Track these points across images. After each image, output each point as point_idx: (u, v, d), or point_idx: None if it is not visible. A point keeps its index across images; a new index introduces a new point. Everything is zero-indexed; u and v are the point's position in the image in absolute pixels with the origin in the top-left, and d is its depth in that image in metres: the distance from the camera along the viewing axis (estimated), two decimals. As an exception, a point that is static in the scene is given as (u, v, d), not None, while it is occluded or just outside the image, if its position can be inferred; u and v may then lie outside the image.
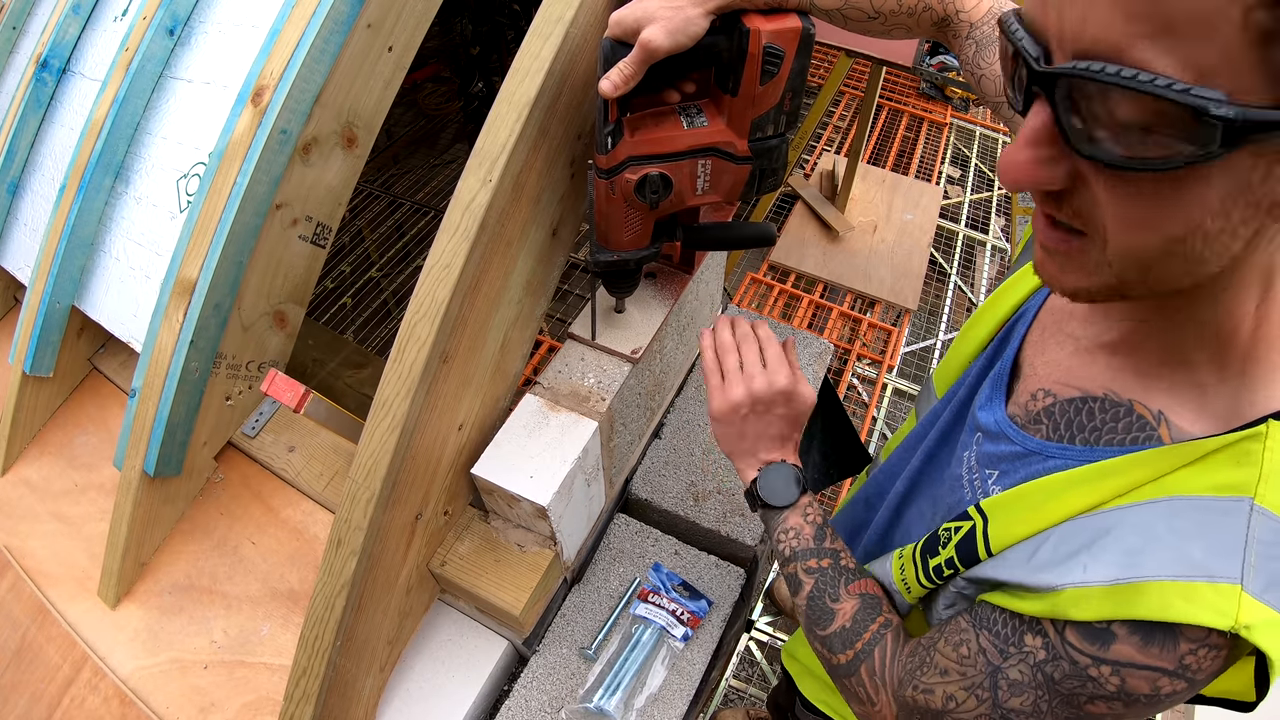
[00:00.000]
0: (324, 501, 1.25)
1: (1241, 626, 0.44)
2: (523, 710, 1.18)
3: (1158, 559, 0.48)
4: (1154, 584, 0.47)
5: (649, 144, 0.92)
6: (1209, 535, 0.47)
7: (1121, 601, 0.48)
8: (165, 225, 1.26)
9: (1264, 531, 0.46)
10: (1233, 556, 0.46)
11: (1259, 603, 0.45)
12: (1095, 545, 0.52)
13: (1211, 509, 0.47)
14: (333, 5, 1.09)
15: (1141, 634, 0.48)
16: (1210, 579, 0.46)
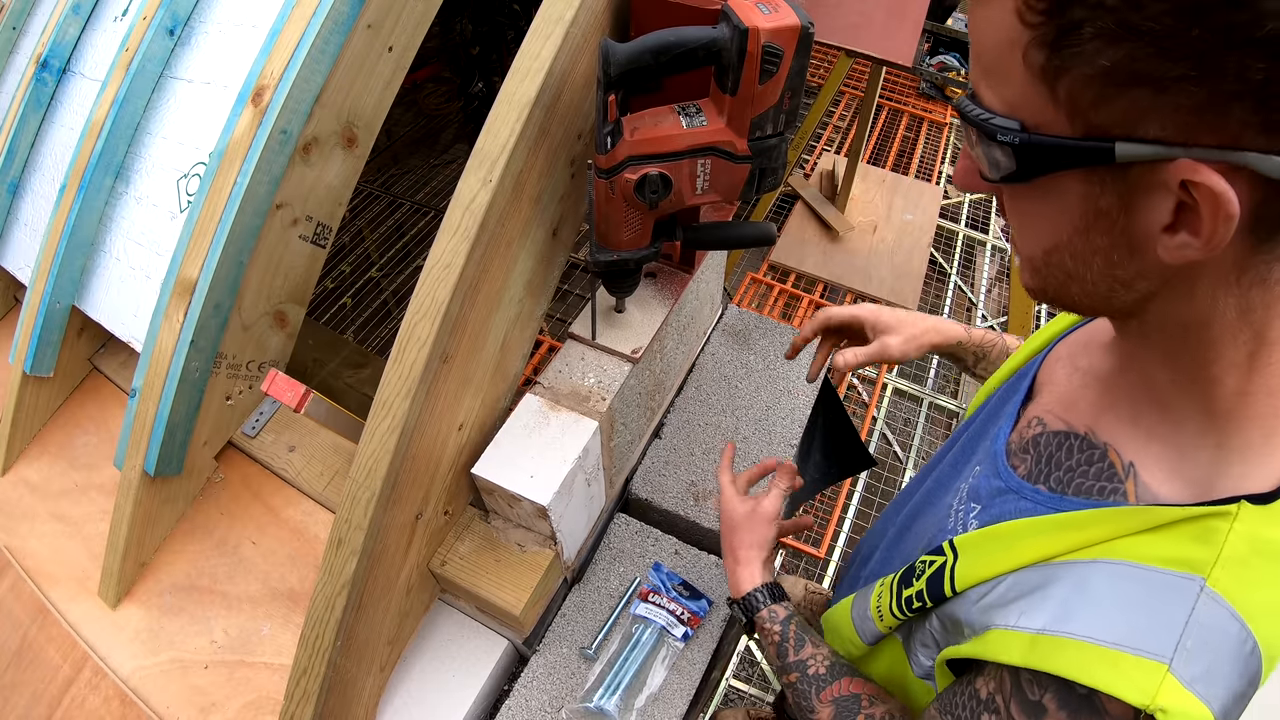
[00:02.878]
0: (324, 501, 1.25)
1: (1157, 709, 0.43)
2: (523, 710, 1.18)
3: (1089, 620, 0.47)
4: (1078, 643, 0.46)
5: (648, 143, 0.92)
6: (1149, 608, 0.45)
7: (1042, 652, 0.48)
8: (165, 225, 1.26)
9: (1208, 616, 0.44)
10: (1168, 635, 0.44)
11: (1184, 689, 0.43)
12: (1036, 594, 0.51)
13: (1159, 582, 0.46)
14: (333, 5, 1.09)
15: (1069, 708, 0.47)
16: (1137, 652, 0.44)
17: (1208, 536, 0.45)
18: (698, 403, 1.50)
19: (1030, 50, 0.39)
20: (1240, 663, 0.45)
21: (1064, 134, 0.40)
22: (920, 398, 2.87)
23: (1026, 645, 0.49)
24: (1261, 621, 0.45)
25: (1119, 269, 0.44)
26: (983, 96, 0.44)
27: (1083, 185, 0.42)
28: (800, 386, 1.53)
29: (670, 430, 1.47)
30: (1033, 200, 0.46)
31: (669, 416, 1.49)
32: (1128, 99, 0.38)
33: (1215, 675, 0.44)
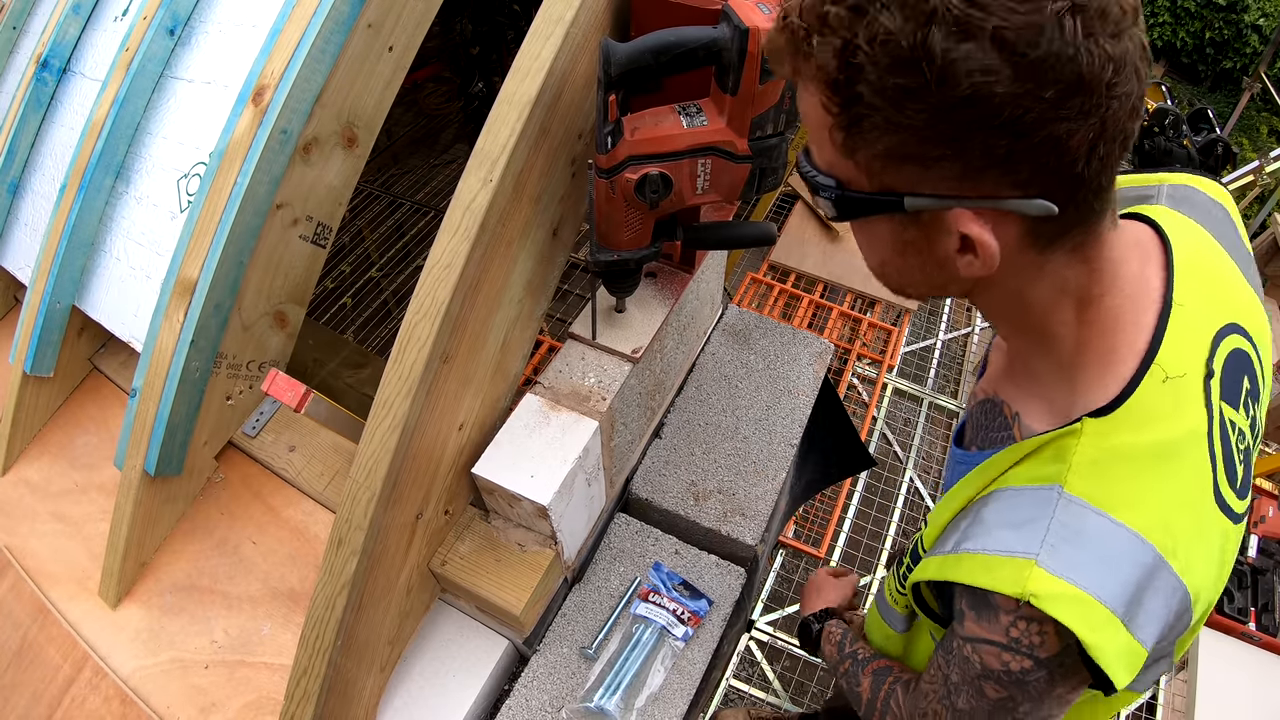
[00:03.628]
0: (325, 501, 1.25)
1: (1029, 595, 0.53)
2: (523, 710, 1.18)
3: (979, 537, 0.59)
4: (968, 555, 0.59)
5: (649, 143, 0.92)
6: (1020, 518, 0.56)
7: (946, 567, 0.60)
8: (166, 225, 1.26)
9: (1068, 516, 0.54)
10: (1035, 536, 0.54)
11: (1052, 576, 0.53)
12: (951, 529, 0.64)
13: (1028, 496, 0.57)
14: (333, 5, 1.09)
15: (975, 609, 0.60)
16: (1010, 553, 0.55)
17: (1061, 453, 0.56)
18: (698, 403, 1.50)
19: (834, 131, 0.52)
20: (1115, 548, 0.54)
21: (866, 190, 0.54)
22: (920, 398, 2.87)
23: (938, 564, 0.62)
24: (1128, 512, 0.54)
25: (935, 277, 0.58)
26: (813, 156, 0.57)
27: (889, 224, 0.56)
28: (800, 386, 1.53)
29: (670, 430, 1.47)
30: (861, 232, 0.60)
31: (669, 416, 1.49)
32: (906, 169, 0.51)
33: (1087, 563, 0.54)
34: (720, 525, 1.34)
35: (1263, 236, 3.05)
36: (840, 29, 0.48)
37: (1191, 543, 0.56)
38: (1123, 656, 0.54)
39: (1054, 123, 0.46)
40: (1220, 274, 0.65)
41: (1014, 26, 0.44)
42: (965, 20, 0.44)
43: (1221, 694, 1.93)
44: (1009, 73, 0.45)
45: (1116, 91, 0.46)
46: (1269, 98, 5.57)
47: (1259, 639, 2.08)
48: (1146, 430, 0.55)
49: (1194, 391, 0.56)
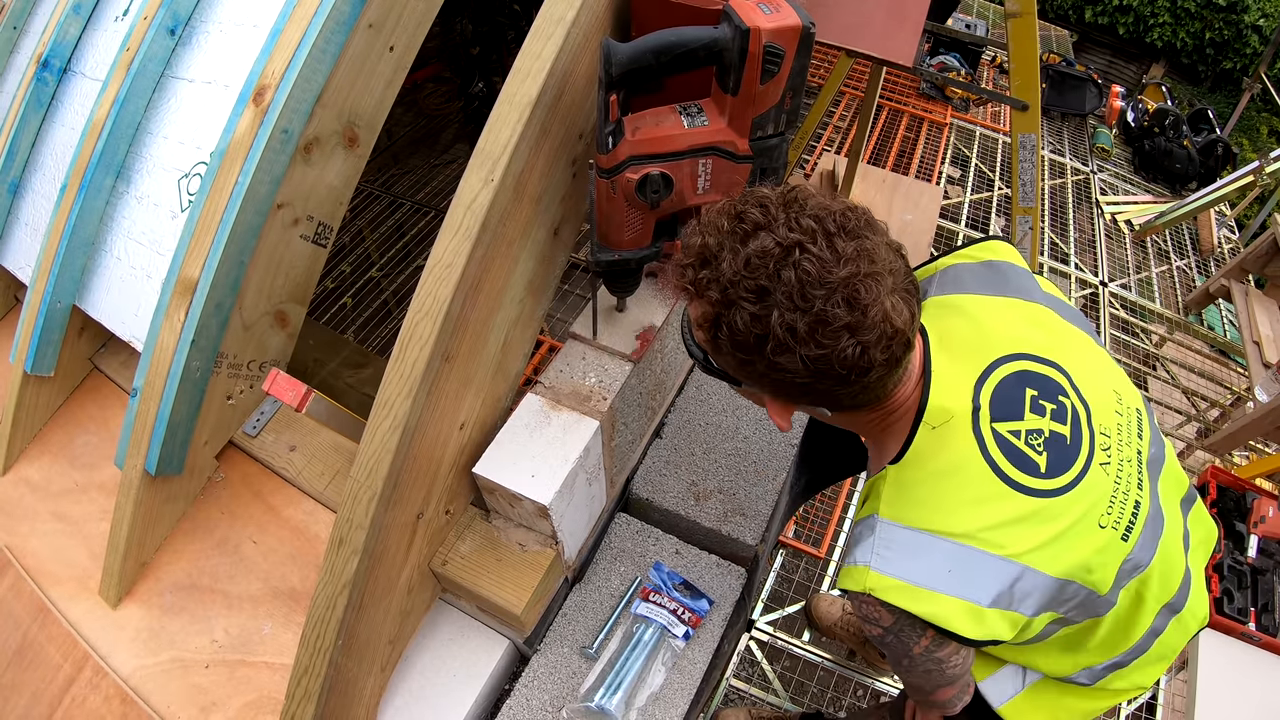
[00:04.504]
0: (325, 501, 1.25)
1: (869, 589, 0.77)
2: (524, 709, 1.18)
3: (845, 556, 0.85)
4: (844, 569, 0.82)
5: (650, 143, 0.92)
6: (858, 539, 0.82)
7: (840, 579, 0.84)
8: (166, 225, 1.26)
9: (883, 532, 0.79)
10: (867, 550, 0.79)
11: (881, 575, 0.77)
12: None
13: (863, 525, 0.82)
14: (334, 5, 1.09)
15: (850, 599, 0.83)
16: (855, 564, 0.80)
17: (876, 491, 0.83)
18: (698, 403, 1.50)
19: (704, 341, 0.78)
20: (918, 548, 0.78)
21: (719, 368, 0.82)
22: (920, 398, 2.86)
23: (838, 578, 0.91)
24: (924, 521, 0.78)
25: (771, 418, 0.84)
26: (693, 334, 0.81)
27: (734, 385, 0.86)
28: (801, 386, 1.53)
29: (671, 430, 1.47)
30: None
31: (669, 416, 1.49)
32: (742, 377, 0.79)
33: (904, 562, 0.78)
34: (720, 525, 1.34)
35: (1263, 237, 3.05)
36: (716, 305, 0.72)
37: (990, 526, 0.77)
38: (957, 615, 0.76)
39: (829, 392, 0.75)
40: (982, 324, 0.88)
41: (814, 354, 0.70)
42: (786, 343, 0.69)
43: (1221, 694, 1.93)
44: (806, 372, 0.71)
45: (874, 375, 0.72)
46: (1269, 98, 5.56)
47: (1259, 639, 2.08)
48: (925, 465, 0.80)
49: (961, 428, 0.80)
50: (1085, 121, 4.64)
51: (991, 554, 0.77)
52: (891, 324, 0.70)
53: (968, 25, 4.26)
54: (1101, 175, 4.32)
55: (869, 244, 0.71)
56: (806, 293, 0.68)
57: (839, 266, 0.69)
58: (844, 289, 0.69)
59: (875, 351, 0.70)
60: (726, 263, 0.71)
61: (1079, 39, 7.73)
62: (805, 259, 0.69)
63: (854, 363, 0.70)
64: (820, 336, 0.69)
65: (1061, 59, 4.60)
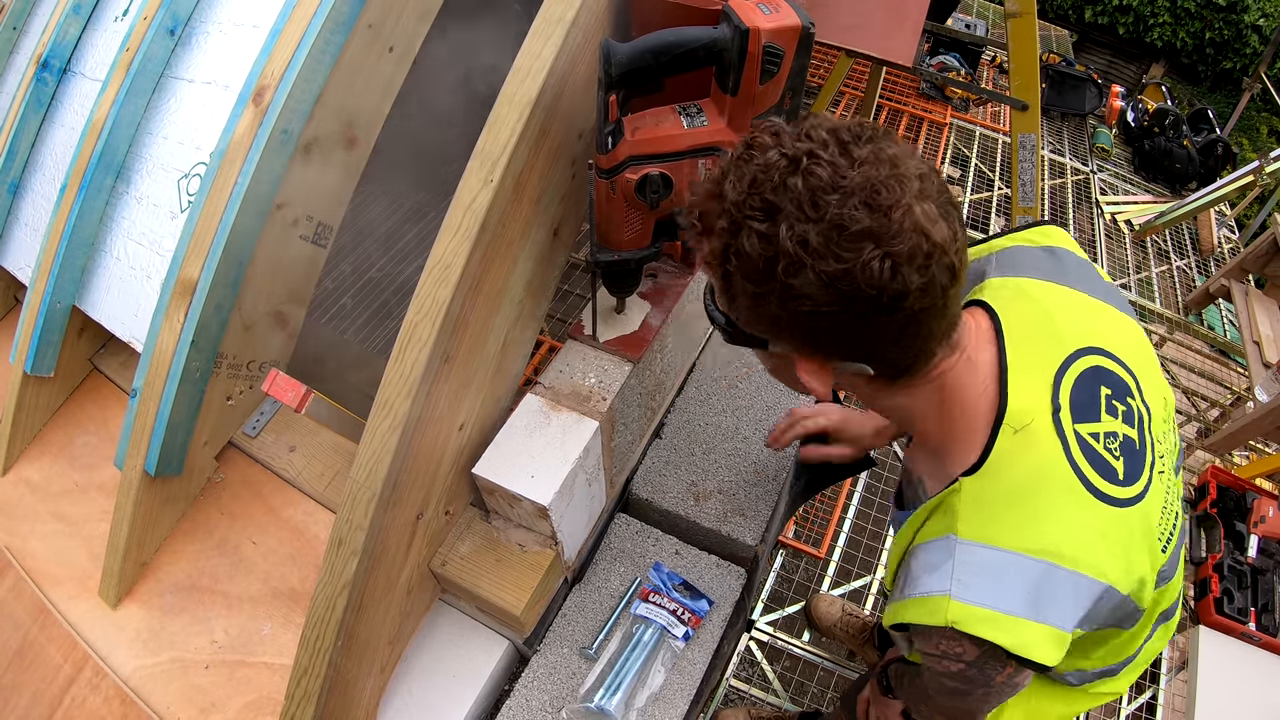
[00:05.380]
0: (325, 501, 1.25)
1: (951, 622, 0.68)
2: (524, 710, 1.18)
3: (910, 585, 0.74)
4: (908, 600, 0.73)
5: (649, 144, 0.92)
6: (932, 565, 0.72)
7: (895, 612, 0.75)
8: (166, 225, 1.26)
9: (963, 555, 0.70)
10: (945, 577, 0.70)
11: (964, 604, 0.68)
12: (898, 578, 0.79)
13: (935, 546, 0.73)
14: (334, 5, 1.09)
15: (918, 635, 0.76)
16: (930, 594, 0.71)
17: (949, 508, 0.73)
18: (698, 403, 1.50)
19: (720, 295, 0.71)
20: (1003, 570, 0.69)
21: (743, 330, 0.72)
22: (920, 398, 2.86)
23: (892, 611, 0.76)
24: (1007, 540, 0.69)
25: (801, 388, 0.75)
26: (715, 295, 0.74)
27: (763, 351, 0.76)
28: (800, 386, 1.53)
29: (671, 430, 1.47)
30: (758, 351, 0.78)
31: (669, 416, 1.49)
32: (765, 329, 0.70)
33: (988, 588, 0.69)
34: (720, 525, 1.34)
35: (1263, 237, 3.05)
36: (723, 236, 0.65)
37: (1080, 542, 0.70)
38: (1040, 643, 0.68)
39: (863, 329, 0.64)
40: (1052, 314, 0.79)
41: (833, 270, 0.60)
42: (799, 259, 0.60)
43: (1221, 694, 1.93)
44: (828, 298, 0.61)
45: (918, 306, 0.62)
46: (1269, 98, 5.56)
47: (1259, 639, 2.08)
48: (1008, 475, 0.71)
49: (1043, 430, 0.71)
50: (1085, 121, 4.64)
51: (1079, 573, 0.69)
52: (927, 235, 0.60)
53: (968, 25, 4.25)
54: (1101, 175, 4.31)
55: (889, 150, 0.62)
56: (818, 200, 0.59)
57: (854, 170, 0.60)
58: (862, 192, 0.59)
59: (909, 270, 0.60)
60: (731, 186, 0.64)
61: (1079, 39, 7.73)
62: (815, 165, 0.60)
63: (883, 281, 0.59)
64: (837, 247, 0.59)
65: (1061, 59, 4.60)
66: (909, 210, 0.60)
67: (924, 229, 0.60)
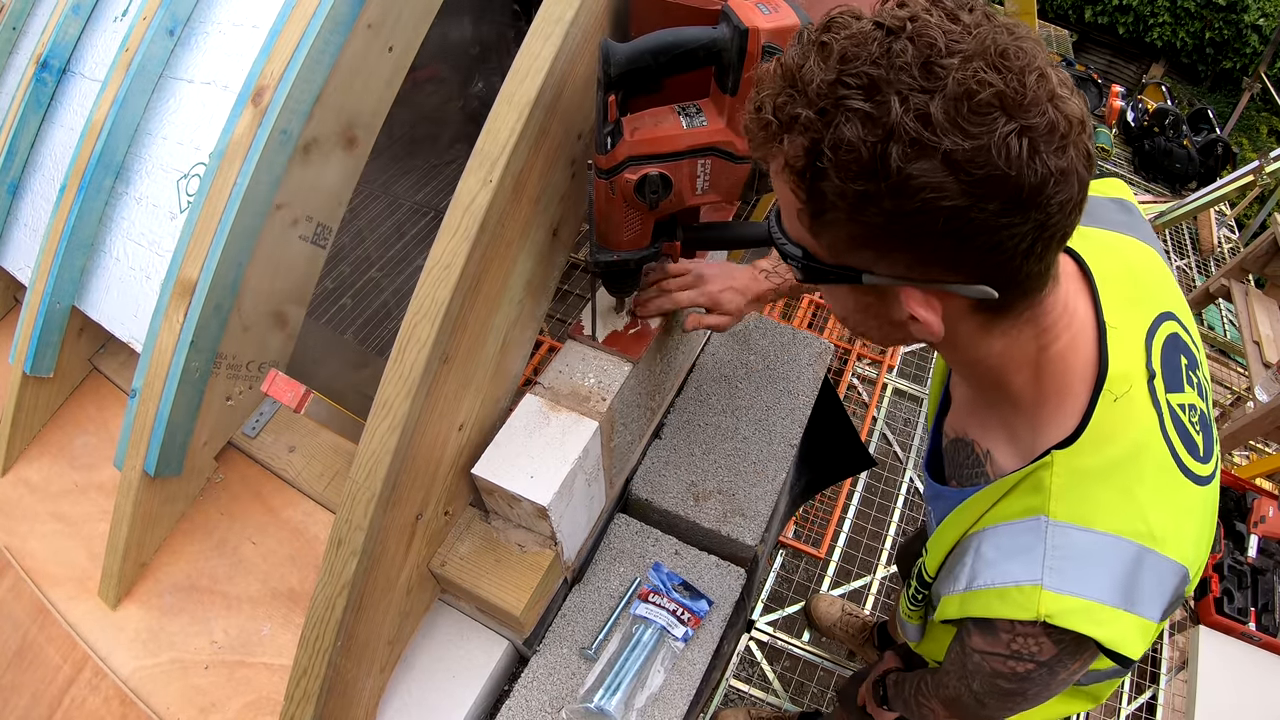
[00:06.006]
0: (324, 502, 1.25)
1: (1044, 616, 0.61)
2: (523, 710, 1.18)
3: (986, 573, 0.66)
4: (982, 591, 0.66)
5: (648, 144, 0.92)
6: (1018, 550, 0.64)
7: (964, 605, 0.68)
8: (165, 225, 1.26)
9: (1059, 539, 0.62)
10: (1034, 563, 0.62)
11: (1059, 594, 0.61)
12: (957, 566, 0.71)
13: (1020, 529, 0.65)
14: (333, 5, 1.09)
15: (979, 629, 0.69)
16: (1017, 583, 0.63)
17: (1038, 485, 0.64)
18: (698, 403, 1.50)
19: (801, 214, 0.58)
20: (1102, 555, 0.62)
21: (828, 262, 0.60)
22: (920, 397, 2.87)
23: (957, 604, 0.69)
24: (1106, 521, 0.62)
25: (891, 335, 0.66)
26: (784, 225, 0.63)
27: (850, 290, 0.63)
28: (800, 386, 1.53)
29: (670, 430, 1.47)
30: (827, 291, 0.67)
31: (669, 416, 1.49)
32: (863, 253, 0.58)
33: (1085, 576, 0.61)
34: (720, 526, 1.34)
35: (1263, 237, 3.05)
36: (809, 130, 0.52)
37: (1170, 524, 0.64)
38: (1132, 635, 0.62)
39: (996, 230, 0.53)
40: (1135, 271, 0.72)
41: (964, 149, 0.49)
42: (920, 139, 0.49)
43: (1221, 694, 1.93)
44: (957, 189, 0.50)
45: (1056, 199, 0.52)
46: (1269, 98, 5.56)
47: (1259, 639, 2.08)
48: (1107, 448, 0.63)
49: (1141, 399, 0.64)
50: (1085, 121, 4.64)
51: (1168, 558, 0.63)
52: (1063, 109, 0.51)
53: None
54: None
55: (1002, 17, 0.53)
56: (933, 66, 0.49)
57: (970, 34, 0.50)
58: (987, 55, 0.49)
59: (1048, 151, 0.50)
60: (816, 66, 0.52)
61: (1079, 39, 7.73)
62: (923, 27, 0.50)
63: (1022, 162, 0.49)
64: (966, 119, 0.49)
65: (1061, 59, 4.60)
66: (1043, 75, 0.50)
67: (1060, 100, 0.51)
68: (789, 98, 0.53)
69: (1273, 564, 2.29)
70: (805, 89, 0.52)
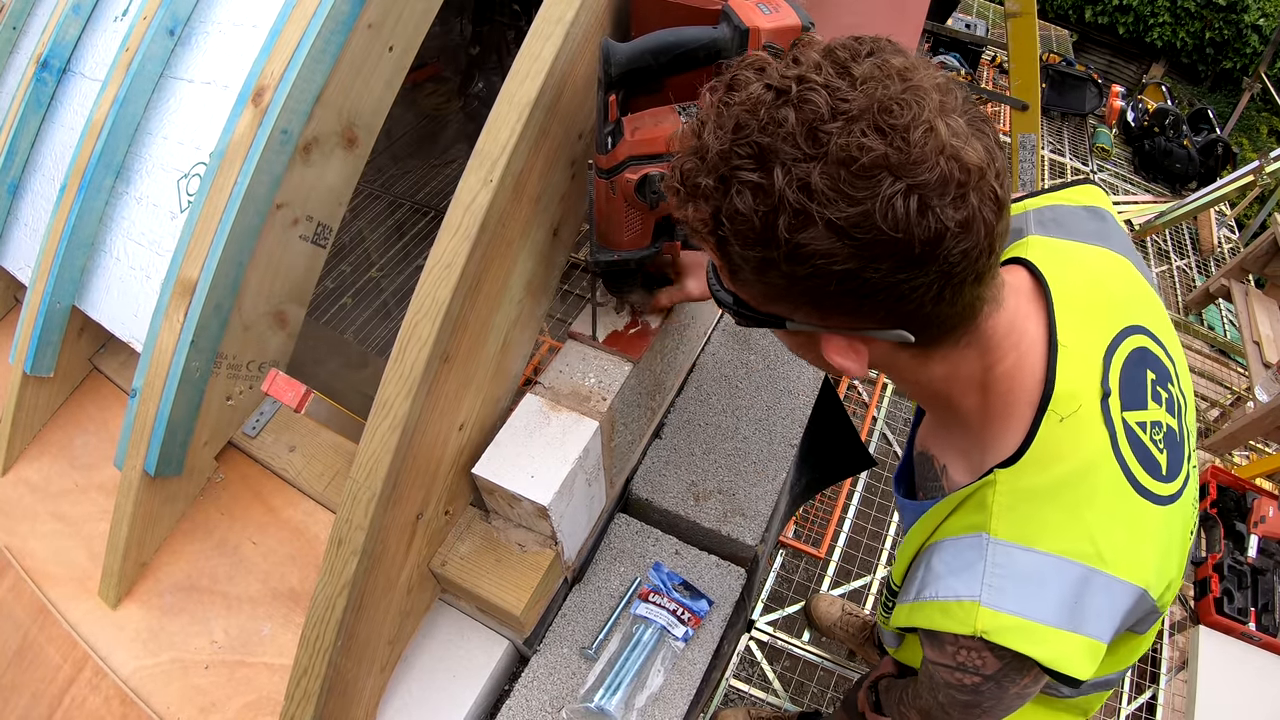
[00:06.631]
0: (325, 501, 1.25)
1: (981, 631, 0.62)
2: (523, 710, 1.18)
3: (931, 586, 0.67)
4: (927, 603, 0.66)
5: (649, 144, 0.92)
6: (960, 565, 0.65)
7: (911, 615, 0.69)
8: (166, 225, 1.26)
9: (998, 557, 0.63)
10: (974, 580, 0.63)
11: (997, 611, 0.62)
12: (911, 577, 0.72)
13: (964, 545, 0.65)
14: (333, 5, 1.09)
15: (929, 641, 0.70)
16: (958, 598, 0.63)
17: (982, 503, 0.65)
18: (698, 403, 1.50)
19: (722, 271, 0.62)
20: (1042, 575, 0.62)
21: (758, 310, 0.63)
22: (920, 398, 2.86)
23: (906, 612, 0.70)
24: (1048, 541, 0.62)
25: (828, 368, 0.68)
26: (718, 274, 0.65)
27: (783, 332, 0.66)
28: (801, 386, 1.53)
29: (670, 430, 1.47)
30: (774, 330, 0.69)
31: (669, 416, 1.49)
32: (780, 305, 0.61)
33: (1024, 595, 0.61)
34: (720, 525, 1.34)
35: (1263, 237, 3.05)
36: (711, 199, 0.54)
37: (1123, 545, 0.63)
38: (1076, 656, 0.62)
39: (894, 286, 0.53)
40: (1102, 283, 0.71)
41: (848, 215, 0.50)
42: (804, 209, 0.50)
43: (1221, 694, 1.93)
44: (846, 253, 0.51)
45: (958, 250, 0.52)
46: (1269, 98, 5.57)
47: (1259, 639, 2.08)
48: (1053, 467, 0.63)
49: (1091, 418, 0.63)
50: (1085, 121, 4.65)
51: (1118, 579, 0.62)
52: (958, 158, 0.49)
53: (968, 25, 4.26)
54: (1101, 175, 4.31)
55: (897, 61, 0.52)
56: (816, 132, 0.49)
57: (856, 91, 0.49)
58: (870, 114, 0.49)
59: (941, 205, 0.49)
60: (712, 134, 0.53)
61: (1079, 39, 7.73)
62: (808, 91, 0.50)
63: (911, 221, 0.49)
64: (848, 186, 0.49)
65: (1061, 59, 4.61)
66: (931, 129, 0.49)
67: (953, 151, 0.49)
68: (694, 165, 0.55)
69: (1273, 564, 2.29)
70: (706, 156, 0.54)
